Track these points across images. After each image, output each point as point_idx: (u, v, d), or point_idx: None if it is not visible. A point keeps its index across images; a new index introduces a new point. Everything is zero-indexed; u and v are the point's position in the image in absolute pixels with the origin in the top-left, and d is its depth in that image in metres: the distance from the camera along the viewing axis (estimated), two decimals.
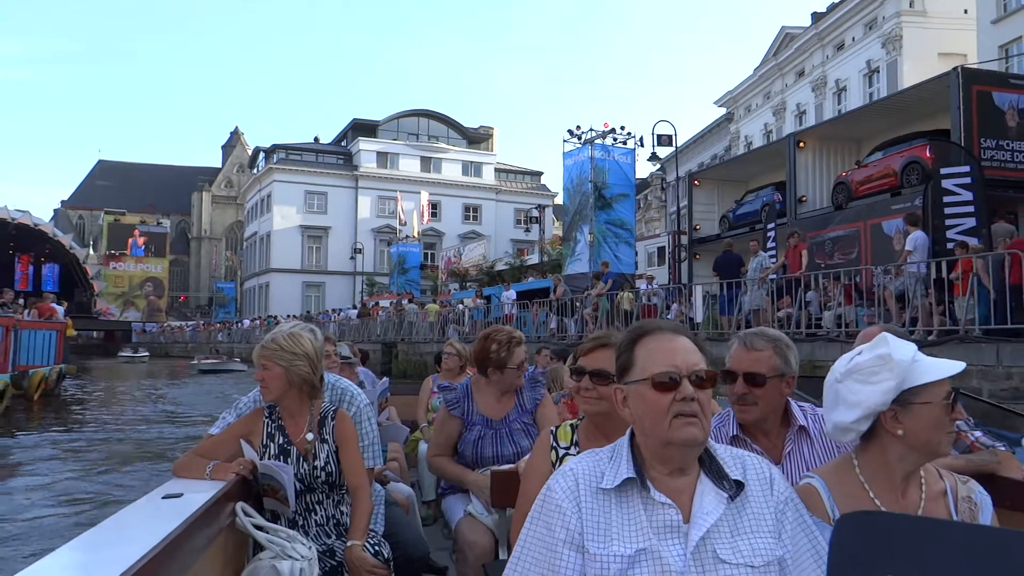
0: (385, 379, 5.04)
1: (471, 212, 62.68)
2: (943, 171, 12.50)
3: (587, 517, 1.46)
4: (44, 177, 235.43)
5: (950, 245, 11.97)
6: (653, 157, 24.83)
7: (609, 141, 25.30)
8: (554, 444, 2.28)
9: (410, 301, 29.44)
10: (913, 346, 1.68)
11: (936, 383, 1.63)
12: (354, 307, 42.42)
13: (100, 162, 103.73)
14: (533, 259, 41.98)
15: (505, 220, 61.94)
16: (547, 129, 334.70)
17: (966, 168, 12.37)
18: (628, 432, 1.61)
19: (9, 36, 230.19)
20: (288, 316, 48.83)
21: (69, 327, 18.31)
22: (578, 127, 25.32)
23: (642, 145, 25.31)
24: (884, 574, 1.11)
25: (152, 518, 1.99)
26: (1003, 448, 2.50)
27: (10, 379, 13.36)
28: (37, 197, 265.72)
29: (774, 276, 13.33)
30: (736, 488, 1.50)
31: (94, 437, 13.43)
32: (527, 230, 49.57)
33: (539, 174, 68.23)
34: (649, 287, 17.74)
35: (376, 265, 57.13)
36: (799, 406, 2.24)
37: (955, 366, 1.66)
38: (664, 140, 24.72)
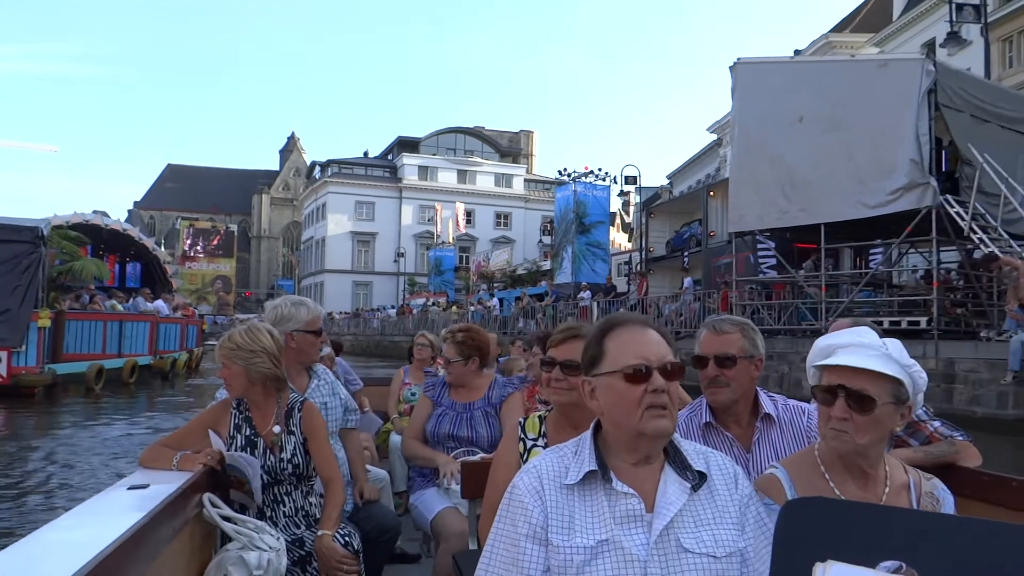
0: (359, 380, 5.26)
1: (502, 219, 69.46)
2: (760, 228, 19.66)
3: (551, 511, 1.48)
4: (116, 175, 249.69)
5: (760, 275, 19.27)
6: (622, 194, 32.21)
7: (591, 179, 32.92)
8: (522, 436, 2.28)
9: (434, 304, 37.40)
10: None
11: (817, 372, 1.75)
12: (393, 307, 50.94)
13: (169, 166, 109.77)
14: (547, 265, 49.25)
15: (533, 226, 68.49)
16: (593, 123, 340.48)
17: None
18: (592, 425, 1.63)
19: (79, 34, 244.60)
20: (341, 312, 57.10)
21: (203, 324, 27.20)
22: (565, 168, 33.06)
23: (615, 182, 32.84)
24: (824, 558, 1.12)
25: (117, 509, 1.97)
26: (961, 437, 2.52)
27: (187, 354, 21.96)
28: (110, 196, 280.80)
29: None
30: (699, 479, 1.52)
31: None
32: (540, 241, 56.75)
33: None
34: (584, 295, 25.26)
35: (417, 267, 63.97)
36: (769, 396, 2.31)
37: (836, 358, 1.70)
38: (630, 180, 32.09)
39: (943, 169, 12.88)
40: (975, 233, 11.60)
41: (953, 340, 12.02)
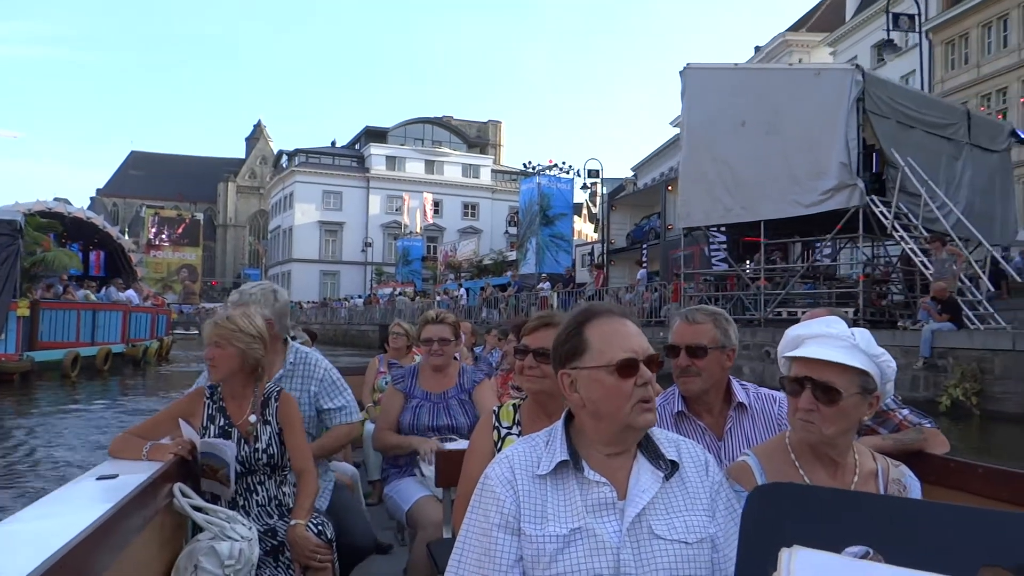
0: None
1: (469, 209, 70.02)
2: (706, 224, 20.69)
3: (524, 501, 1.48)
4: (78, 161, 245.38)
5: (713, 267, 20.29)
6: (584, 187, 33.14)
7: (555, 172, 33.78)
8: (496, 424, 2.28)
9: (401, 294, 38.17)
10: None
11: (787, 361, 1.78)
12: (360, 296, 51.45)
13: (133, 153, 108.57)
14: (513, 255, 50.06)
15: (500, 216, 68.90)
16: (563, 113, 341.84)
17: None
18: (563, 415, 1.62)
19: (42, 16, 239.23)
20: (309, 302, 57.45)
21: (172, 314, 27.83)
22: (530, 162, 33.84)
23: (578, 175, 33.75)
24: (790, 542, 1.11)
25: (85, 499, 1.94)
26: (929, 425, 2.56)
27: (158, 342, 22.48)
28: (73, 182, 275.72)
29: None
30: (671, 468, 1.53)
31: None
32: (507, 231, 57.59)
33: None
34: (543, 286, 26.17)
35: (384, 256, 64.27)
36: (741, 385, 2.32)
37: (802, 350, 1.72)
38: (593, 174, 33.03)
39: (874, 171, 13.94)
40: (897, 231, 12.63)
41: (876, 329, 13.04)
